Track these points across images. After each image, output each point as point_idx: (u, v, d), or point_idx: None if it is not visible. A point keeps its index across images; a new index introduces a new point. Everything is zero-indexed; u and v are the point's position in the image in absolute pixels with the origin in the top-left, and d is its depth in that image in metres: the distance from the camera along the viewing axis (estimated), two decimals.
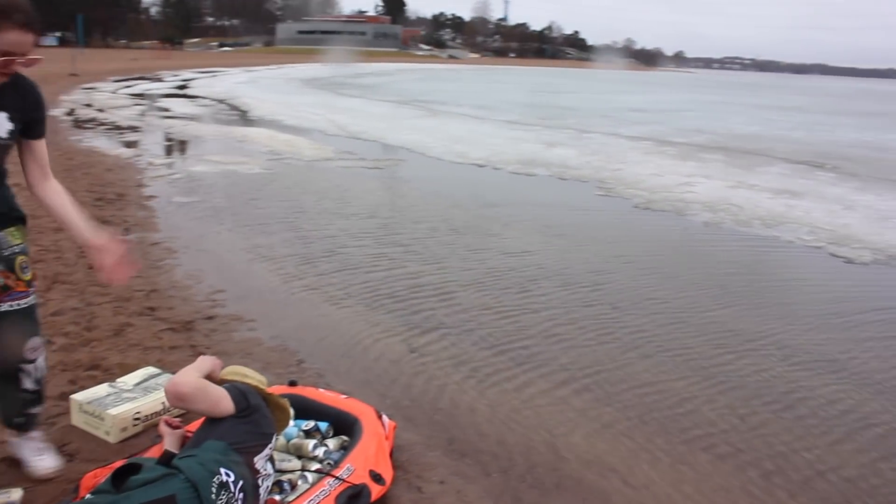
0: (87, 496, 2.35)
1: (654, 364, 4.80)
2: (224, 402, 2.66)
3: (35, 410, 3.09)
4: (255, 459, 2.64)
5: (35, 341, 2.95)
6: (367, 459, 3.10)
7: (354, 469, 3.00)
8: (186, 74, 44.21)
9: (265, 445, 2.72)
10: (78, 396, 3.51)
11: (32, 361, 2.95)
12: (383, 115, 23.17)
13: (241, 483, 2.47)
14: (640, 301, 6.11)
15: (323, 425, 3.37)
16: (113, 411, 3.38)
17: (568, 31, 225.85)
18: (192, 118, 19.68)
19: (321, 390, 3.72)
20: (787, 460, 3.72)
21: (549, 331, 5.30)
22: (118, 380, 3.75)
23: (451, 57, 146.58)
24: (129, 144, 14.03)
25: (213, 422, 2.67)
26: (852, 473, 3.66)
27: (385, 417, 3.48)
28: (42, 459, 3.11)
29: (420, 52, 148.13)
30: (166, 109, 21.84)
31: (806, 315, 6.06)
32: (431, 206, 9.70)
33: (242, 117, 21.05)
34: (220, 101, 25.67)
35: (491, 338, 5.10)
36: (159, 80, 38.14)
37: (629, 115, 28.80)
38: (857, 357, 5.18)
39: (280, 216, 8.50)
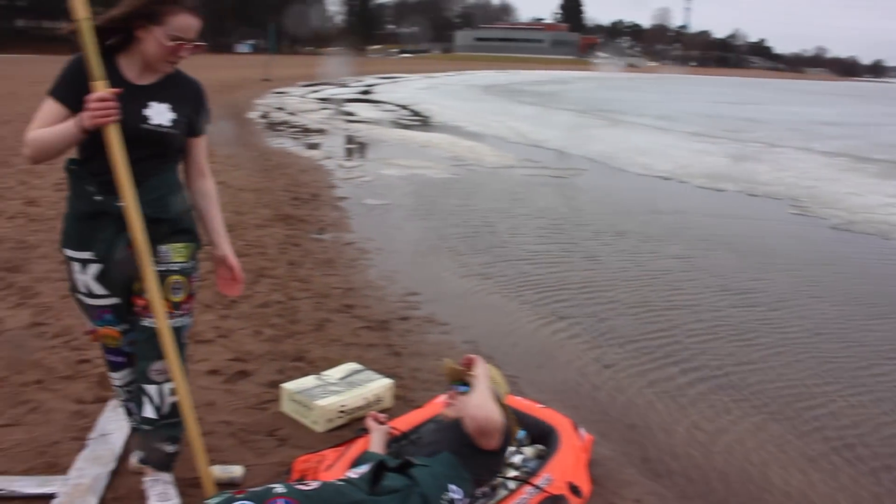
0: (338, 482, 2.49)
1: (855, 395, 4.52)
2: (496, 441, 2.80)
3: (161, 446, 2.81)
4: (478, 491, 2.76)
5: (161, 365, 2.68)
6: (565, 470, 3.10)
7: (553, 479, 3.00)
8: (369, 80, 45.93)
9: (490, 481, 2.84)
10: (289, 386, 3.73)
11: (157, 384, 2.72)
12: (563, 124, 23.11)
13: (466, 500, 2.62)
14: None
15: (519, 433, 3.39)
16: (320, 402, 3.56)
17: (753, 38, 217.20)
18: (376, 122, 20.39)
19: (517, 398, 3.75)
20: None
21: (739, 351, 5.10)
22: (323, 373, 3.94)
23: (630, 65, 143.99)
24: (319, 147, 14.73)
25: (455, 439, 2.78)
26: None
27: (582, 430, 3.46)
28: None
29: (598, 61, 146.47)
30: (352, 114, 22.75)
31: None
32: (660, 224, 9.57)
33: (424, 122, 21.60)
34: (403, 107, 26.46)
35: (683, 355, 4.97)
36: (344, 85, 39.85)
37: (821, 128, 27.18)
38: None
39: (470, 221, 8.66)
